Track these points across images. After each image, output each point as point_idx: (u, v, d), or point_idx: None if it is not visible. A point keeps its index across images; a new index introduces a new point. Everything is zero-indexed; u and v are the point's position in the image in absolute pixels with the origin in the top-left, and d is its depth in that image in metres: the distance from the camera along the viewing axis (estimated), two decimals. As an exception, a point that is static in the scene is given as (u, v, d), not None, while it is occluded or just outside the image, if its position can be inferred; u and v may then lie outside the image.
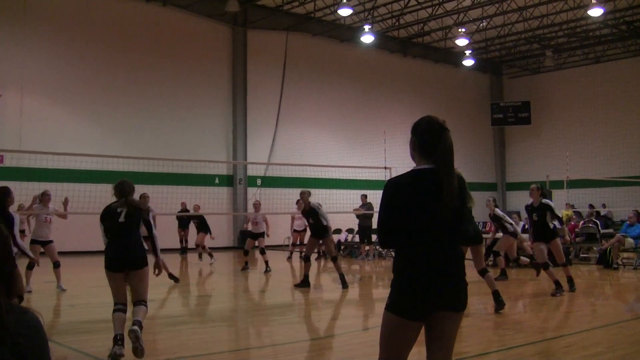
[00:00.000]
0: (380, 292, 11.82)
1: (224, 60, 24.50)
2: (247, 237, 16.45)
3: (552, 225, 10.46)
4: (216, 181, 23.44)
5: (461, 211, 3.23)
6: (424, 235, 3.12)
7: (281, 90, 25.55)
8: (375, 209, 15.60)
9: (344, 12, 23.00)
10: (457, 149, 3.21)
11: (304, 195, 11.94)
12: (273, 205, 20.37)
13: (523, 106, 31.94)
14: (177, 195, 19.02)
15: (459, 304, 3.15)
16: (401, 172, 3.27)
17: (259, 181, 24.46)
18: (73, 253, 17.55)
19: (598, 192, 26.93)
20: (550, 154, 30.18)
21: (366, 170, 21.36)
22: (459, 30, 26.12)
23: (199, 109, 23.54)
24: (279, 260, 18.84)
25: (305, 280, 11.74)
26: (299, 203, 14.33)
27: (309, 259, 12.05)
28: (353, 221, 20.02)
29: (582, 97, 30.93)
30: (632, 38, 27.66)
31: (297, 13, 25.29)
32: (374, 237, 18.18)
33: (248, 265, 15.44)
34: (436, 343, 3.19)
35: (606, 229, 20.37)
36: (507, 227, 12.67)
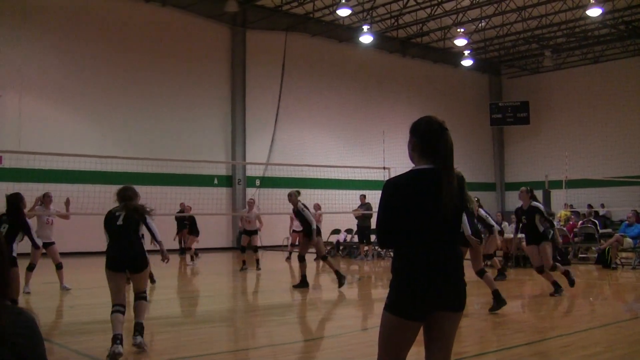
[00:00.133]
0: (379, 293, 11.82)
1: (223, 61, 24.50)
2: (242, 234, 16.69)
3: (542, 229, 10.41)
4: (215, 182, 23.42)
5: (460, 211, 3.23)
6: (423, 235, 3.12)
7: (280, 90, 25.54)
8: (374, 209, 15.59)
9: (343, 12, 23.01)
10: (456, 149, 3.21)
11: (292, 197, 11.88)
12: (272, 205, 20.34)
13: (522, 106, 31.96)
14: (176, 196, 18.99)
15: (458, 303, 3.15)
16: (400, 172, 3.27)
17: (257, 182, 24.44)
18: (72, 254, 17.52)
19: (597, 191, 26.92)
20: (549, 154, 30.15)
21: (365, 170, 21.36)
22: (458, 30, 26.14)
23: (198, 109, 23.52)
24: (278, 260, 18.85)
25: (304, 281, 11.75)
26: None
27: (303, 259, 12.04)
28: (352, 221, 20.02)
29: (581, 97, 30.93)
30: (630, 38, 27.68)
31: (296, 13, 25.28)
32: (372, 238, 18.19)
33: (246, 265, 15.43)
34: (435, 343, 3.19)
35: (605, 229, 20.40)
36: (492, 227, 12.63)
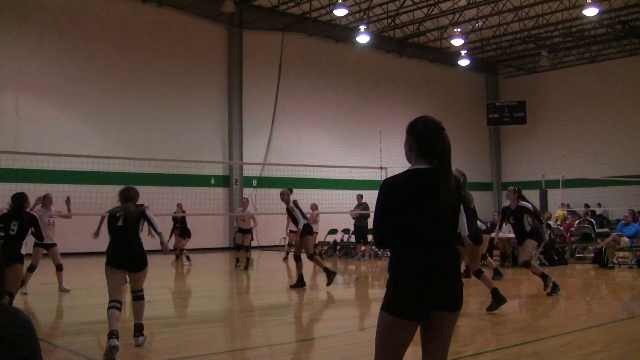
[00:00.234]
0: (376, 292, 11.80)
1: (219, 61, 24.47)
2: (237, 233, 16.94)
3: (529, 228, 10.42)
4: (212, 182, 23.40)
5: (458, 211, 3.24)
6: (421, 235, 3.12)
7: (277, 91, 25.53)
8: (371, 209, 15.59)
9: (340, 12, 22.99)
10: (453, 148, 3.22)
11: (284, 196, 11.80)
12: (269, 205, 20.34)
13: (519, 106, 31.99)
14: (174, 196, 18.94)
15: (455, 303, 3.16)
16: (397, 172, 3.28)
17: (254, 182, 24.42)
18: (72, 254, 17.48)
19: (594, 191, 26.97)
20: (545, 153, 30.20)
21: (362, 170, 21.36)
22: (455, 30, 26.14)
23: (195, 109, 23.48)
24: (275, 260, 18.84)
25: (300, 280, 11.75)
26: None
27: (300, 258, 12.03)
28: (349, 221, 20.02)
29: (577, 96, 30.97)
30: (627, 37, 27.72)
31: (293, 13, 25.28)
32: (370, 237, 18.20)
33: (239, 264, 15.84)
34: (433, 343, 3.20)
35: (602, 228, 20.44)
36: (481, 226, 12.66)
